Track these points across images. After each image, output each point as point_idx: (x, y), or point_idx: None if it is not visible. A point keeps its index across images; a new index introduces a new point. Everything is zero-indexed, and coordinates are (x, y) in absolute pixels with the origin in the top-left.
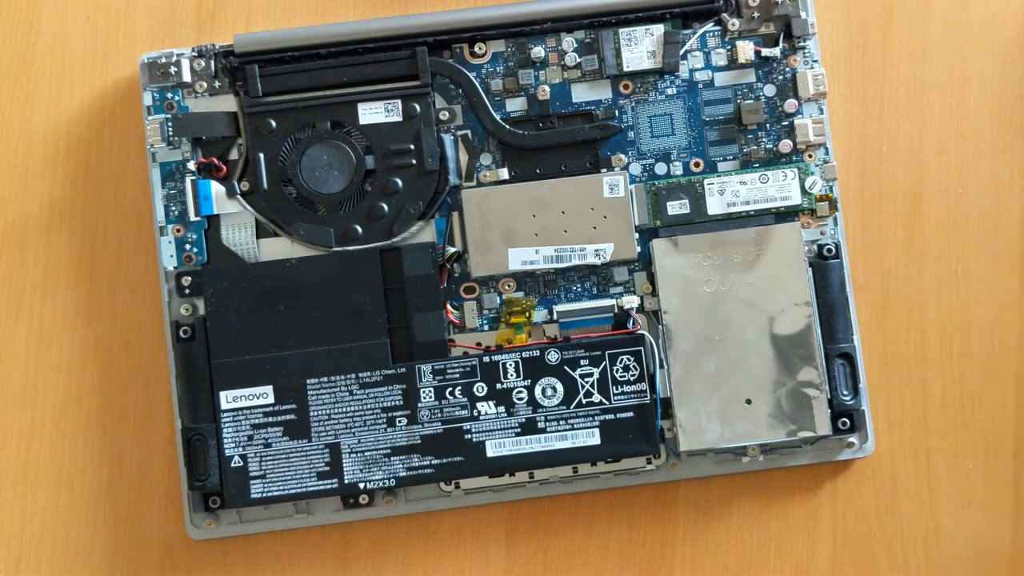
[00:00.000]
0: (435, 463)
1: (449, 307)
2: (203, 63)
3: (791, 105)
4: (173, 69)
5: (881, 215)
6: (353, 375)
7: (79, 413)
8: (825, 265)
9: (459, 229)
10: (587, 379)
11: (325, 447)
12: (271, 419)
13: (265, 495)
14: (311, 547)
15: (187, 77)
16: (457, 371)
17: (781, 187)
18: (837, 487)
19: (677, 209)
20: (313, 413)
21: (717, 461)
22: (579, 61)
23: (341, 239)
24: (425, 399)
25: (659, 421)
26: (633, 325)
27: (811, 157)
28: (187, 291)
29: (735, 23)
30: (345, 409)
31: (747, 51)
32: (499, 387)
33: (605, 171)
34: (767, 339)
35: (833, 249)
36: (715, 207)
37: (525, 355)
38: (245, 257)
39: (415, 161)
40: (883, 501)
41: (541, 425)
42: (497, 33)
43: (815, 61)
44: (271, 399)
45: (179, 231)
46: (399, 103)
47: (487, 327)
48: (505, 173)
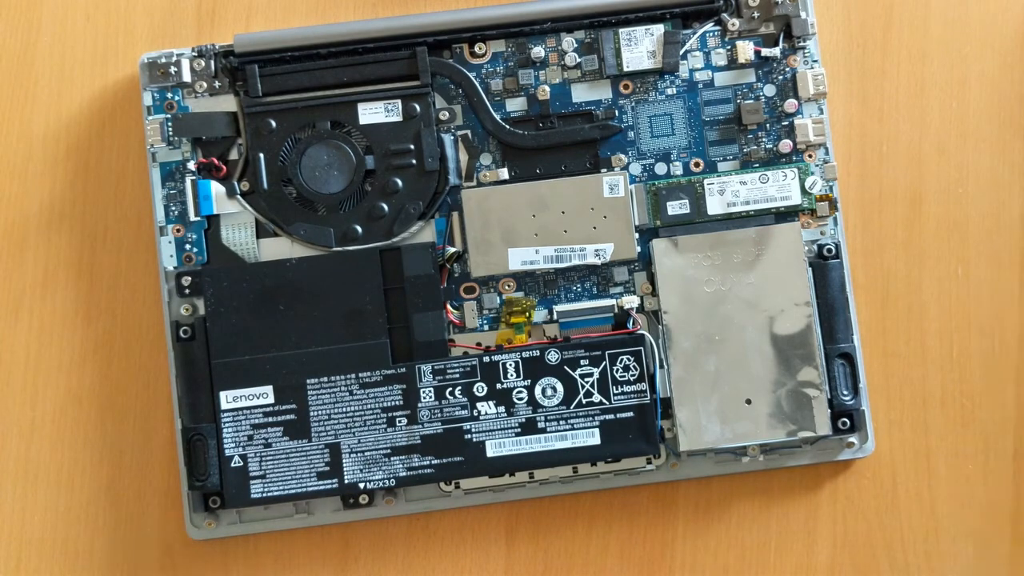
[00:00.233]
0: (435, 463)
1: (449, 307)
2: (203, 63)
3: (791, 105)
4: (173, 69)
5: (881, 215)
6: (353, 375)
7: (79, 413)
8: (825, 265)
9: (459, 229)
10: (587, 379)
11: (325, 447)
12: (271, 419)
13: (265, 495)
14: (311, 547)
15: (187, 77)
16: (457, 371)
17: (781, 187)
18: (837, 487)
19: (677, 209)
20: (313, 413)
21: (717, 461)
22: (579, 61)
23: (341, 239)
24: (425, 399)
25: (659, 421)
26: (633, 325)
27: (811, 157)
28: (187, 291)
29: (735, 23)
30: (345, 409)
31: (747, 51)
32: (499, 387)
33: (605, 171)
34: (767, 339)
35: (833, 249)
36: (715, 207)
37: (525, 355)
38: (245, 257)
39: (415, 161)
40: (883, 501)
41: (541, 425)
42: (497, 33)
43: (815, 61)
44: (271, 399)
45: (179, 231)
46: (399, 103)
47: (487, 327)
48: (505, 173)
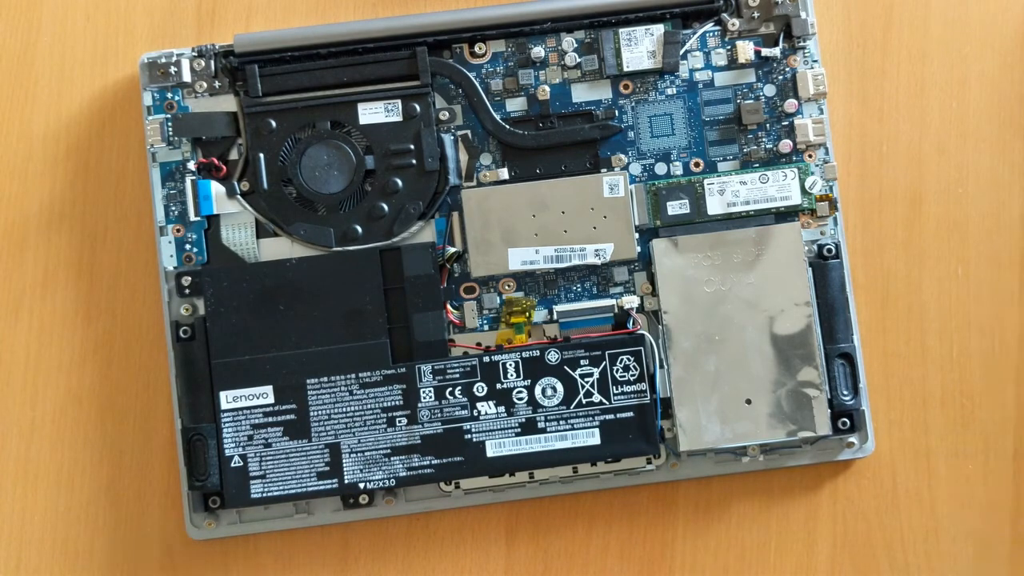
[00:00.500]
0: (435, 463)
1: (449, 307)
2: (203, 63)
3: (791, 105)
4: (173, 69)
5: (881, 215)
6: (353, 375)
7: (79, 413)
8: (825, 265)
9: (459, 229)
10: (587, 379)
11: (325, 447)
12: (271, 419)
13: (265, 495)
14: (311, 547)
15: (187, 77)
16: (457, 371)
17: (781, 187)
18: (837, 487)
19: (677, 209)
20: (313, 413)
21: (717, 461)
22: (579, 61)
23: (341, 239)
24: (425, 399)
25: (659, 421)
26: (633, 325)
27: (811, 157)
28: (187, 291)
29: (735, 23)
30: (345, 409)
31: (747, 51)
32: (499, 387)
33: (605, 171)
34: (767, 339)
35: (833, 249)
36: (715, 207)
37: (525, 355)
38: (245, 257)
39: (415, 161)
40: (883, 501)
41: (541, 425)
42: (497, 33)
43: (815, 61)
44: (271, 399)
45: (179, 231)
46: (399, 103)
47: (487, 327)
48: (505, 173)
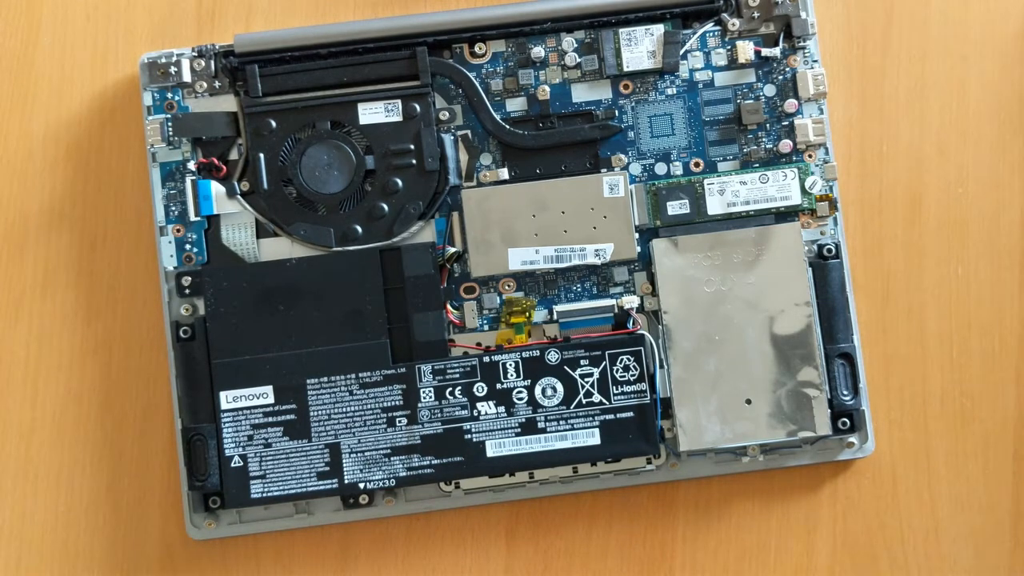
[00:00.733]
0: (435, 463)
1: (449, 307)
2: (203, 63)
3: (791, 105)
4: (173, 69)
5: (881, 215)
6: (353, 375)
7: (79, 413)
8: (825, 265)
9: (459, 229)
10: (587, 379)
11: (325, 447)
12: (271, 419)
13: (265, 495)
14: (311, 547)
15: (187, 77)
16: (457, 371)
17: (781, 187)
18: (837, 487)
19: (677, 209)
20: (313, 413)
21: (717, 461)
22: (579, 61)
23: (341, 239)
24: (425, 399)
25: (659, 421)
26: (633, 325)
27: (811, 157)
28: (187, 291)
29: (735, 23)
30: (345, 409)
31: (747, 51)
32: (499, 387)
33: (605, 171)
34: (767, 339)
35: (833, 249)
36: (715, 207)
37: (525, 355)
38: (245, 257)
39: (415, 161)
40: (883, 501)
41: (541, 425)
42: (497, 33)
43: (815, 61)
44: (271, 399)
45: (179, 231)
46: (399, 103)
47: (487, 327)
48: (505, 173)
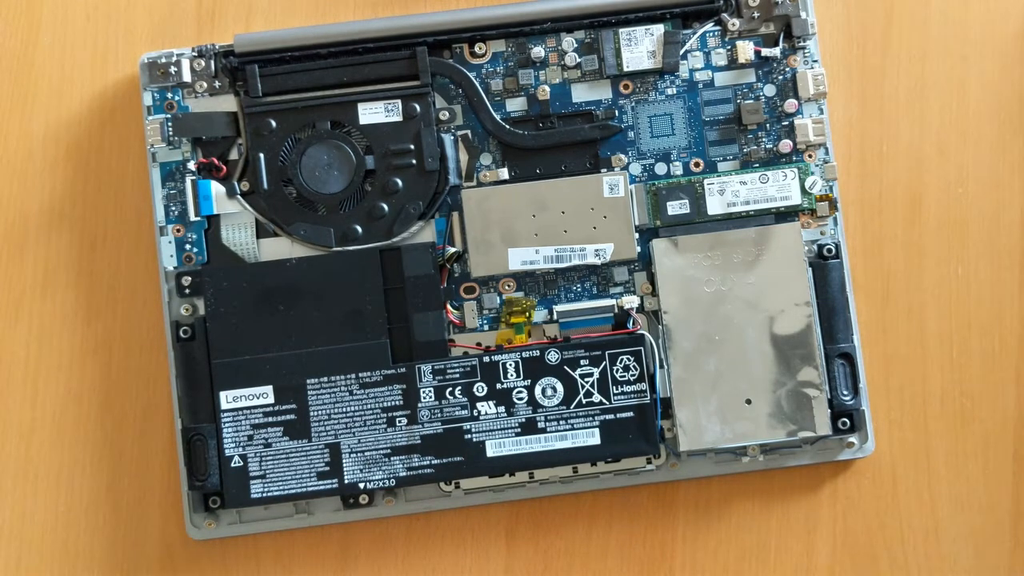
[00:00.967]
0: (435, 463)
1: (449, 307)
2: (203, 63)
3: (791, 105)
4: (173, 69)
5: (881, 215)
6: (353, 375)
7: (79, 413)
8: (825, 265)
9: (459, 229)
10: (587, 379)
11: (325, 447)
12: (271, 419)
13: (265, 495)
14: (311, 547)
15: (187, 77)
16: (457, 371)
17: (781, 187)
18: (837, 487)
19: (677, 209)
20: (313, 413)
21: (717, 461)
22: (579, 61)
23: (341, 239)
24: (425, 399)
25: (659, 421)
26: (633, 325)
27: (811, 157)
28: (187, 291)
29: (735, 23)
30: (345, 409)
31: (747, 51)
32: (499, 387)
33: (605, 171)
34: (767, 339)
35: (833, 249)
36: (715, 207)
37: (525, 355)
38: (245, 257)
39: (415, 161)
40: (883, 501)
41: (541, 425)
42: (497, 33)
43: (815, 61)
44: (271, 399)
45: (179, 231)
46: (399, 103)
47: (487, 327)
48: (505, 173)
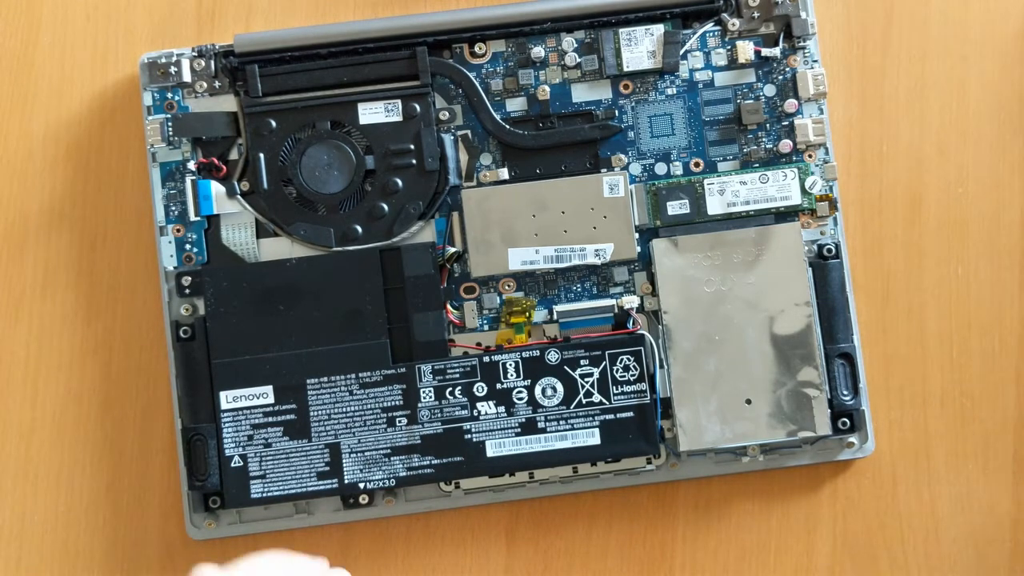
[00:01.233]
0: (435, 463)
1: (449, 307)
2: (203, 63)
3: (791, 105)
4: (173, 69)
5: (881, 215)
6: (353, 375)
7: (79, 413)
8: (825, 265)
9: (459, 229)
10: (587, 379)
11: (325, 447)
12: (271, 419)
13: (265, 495)
14: (311, 547)
15: (187, 77)
16: (457, 371)
17: (781, 187)
18: (837, 487)
19: (677, 209)
20: (313, 413)
21: (717, 461)
22: (579, 61)
23: (341, 239)
24: (425, 399)
25: (659, 421)
26: (633, 325)
27: (811, 157)
28: (187, 291)
29: (735, 23)
30: (345, 409)
31: (747, 51)
32: (499, 387)
33: (605, 171)
34: (767, 339)
35: (833, 249)
36: (715, 207)
37: (525, 355)
38: (245, 257)
39: (415, 161)
40: (883, 501)
41: (541, 425)
42: (497, 33)
43: (815, 61)
44: (271, 399)
45: (179, 231)
46: (399, 103)
47: (487, 327)
48: (505, 173)
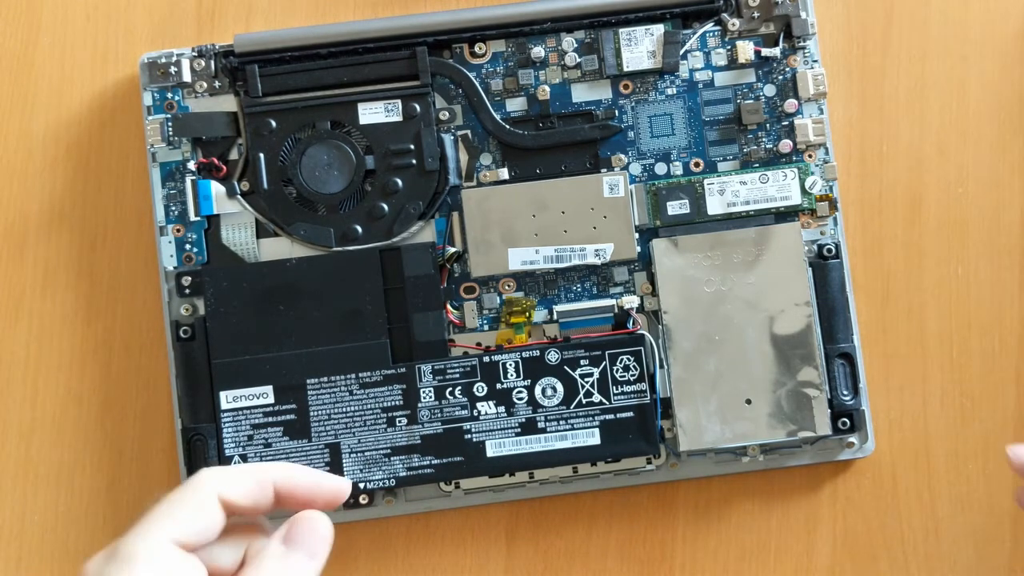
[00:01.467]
0: (435, 463)
1: (449, 307)
2: (203, 63)
3: (791, 105)
4: (173, 69)
5: (881, 215)
6: (353, 375)
7: (79, 413)
8: (825, 265)
9: (459, 229)
10: (587, 379)
11: (325, 447)
12: (271, 419)
13: None
14: None
15: (187, 77)
16: (457, 371)
17: (781, 187)
18: (837, 487)
19: (677, 209)
20: (313, 413)
21: (717, 461)
22: (579, 61)
23: (341, 239)
24: (425, 399)
25: (659, 421)
26: (633, 325)
27: (811, 157)
28: (187, 291)
29: (735, 23)
30: (345, 409)
31: (747, 51)
32: (499, 387)
33: (605, 171)
34: (767, 339)
35: (833, 249)
36: (715, 207)
37: (525, 355)
38: (245, 257)
39: (415, 161)
40: (883, 501)
41: (541, 425)
42: (497, 33)
43: (815, 61)
44: (271, 399)
45: (179, 231)
46: (399, 103)
47: (487, 327)
48: (505, 173)
